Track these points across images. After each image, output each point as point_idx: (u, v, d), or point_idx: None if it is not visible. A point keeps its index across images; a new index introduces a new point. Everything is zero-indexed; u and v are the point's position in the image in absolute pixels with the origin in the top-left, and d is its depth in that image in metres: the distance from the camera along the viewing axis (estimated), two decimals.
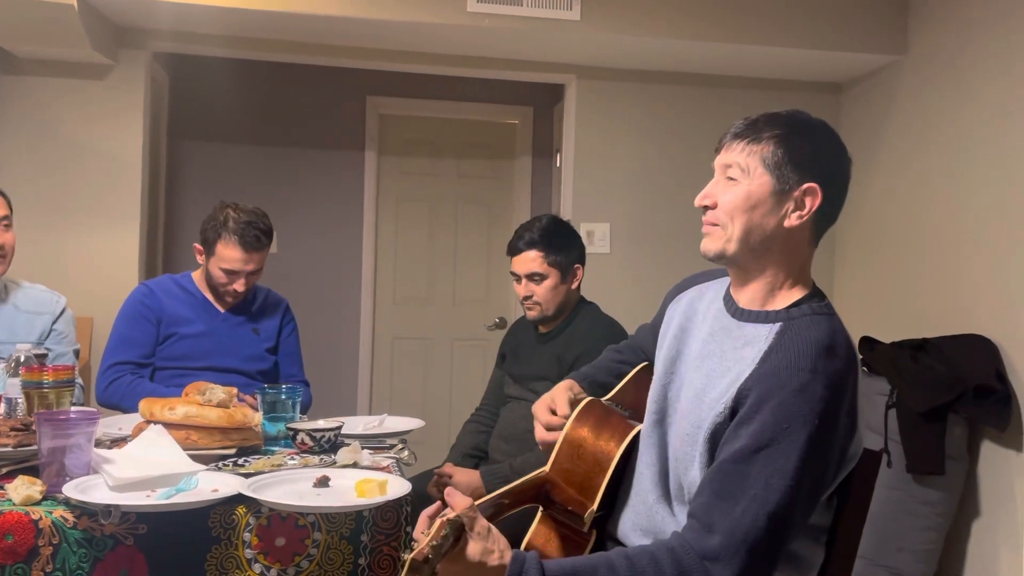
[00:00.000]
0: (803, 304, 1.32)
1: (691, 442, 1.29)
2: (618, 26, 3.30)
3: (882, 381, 2.90)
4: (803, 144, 1.29)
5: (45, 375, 1.76)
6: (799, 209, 1.29)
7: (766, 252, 1.32)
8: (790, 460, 1.17)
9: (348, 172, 4.47)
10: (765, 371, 1.23)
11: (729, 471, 1.20)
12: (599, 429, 1.43)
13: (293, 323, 2.68)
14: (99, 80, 3.40)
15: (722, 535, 1.17)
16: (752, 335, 1.30)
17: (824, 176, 1.29)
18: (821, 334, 1.25)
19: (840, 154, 1.33)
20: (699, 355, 1.36)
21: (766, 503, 1.17)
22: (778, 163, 1.29)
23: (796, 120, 1.32)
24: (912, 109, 3.43)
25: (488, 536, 1.14)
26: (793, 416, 1.18)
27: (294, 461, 1.72)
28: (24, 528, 1.34)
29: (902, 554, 2.79)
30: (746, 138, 1.31)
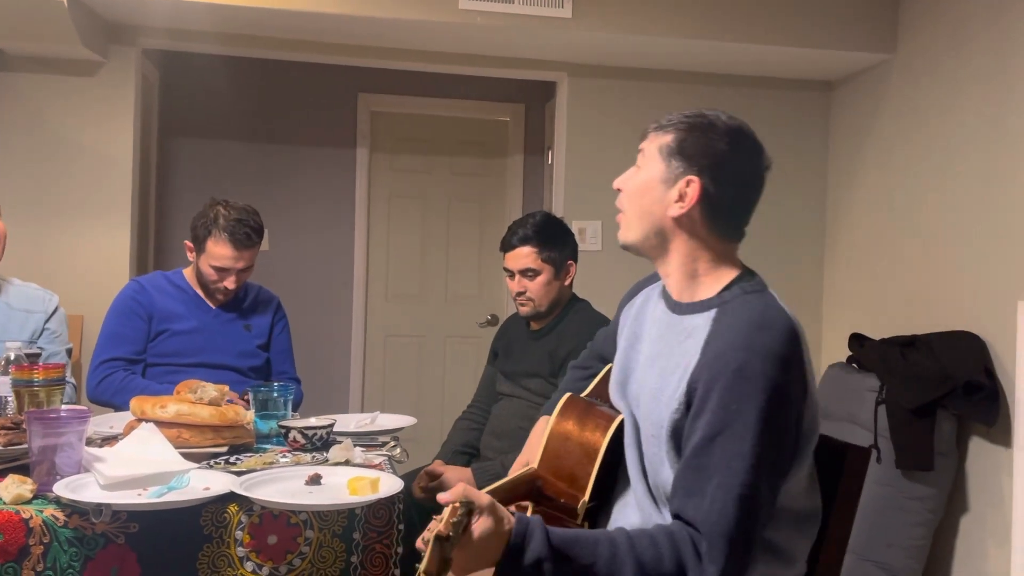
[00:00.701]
0: (733, 286, 1.35)
1: (657, 443, 1.31)
2: (609, 24, 3.30)
3: (872, 377, 2.92)
4: (698, 138, 1.33)
5: (35, 373, 1.76)
6: (681, 200, 1.33)
7: (663, 240, 1.37)
8: (746, 441, 1.19)
9: (340, 169, 4.46)
10: (707, 359, 1.25)
11: (692, 466, 1.22)
12: (583, 421, 1.45)
13: (285, 320, 2.68)
14: (89, 77, 3.38)
15: (701, 531, 1.19)
16: (691, 326, 1.33)
17: (709, 172, 1.32)
18: (752, 312, 1.28)
19: (737, 155, 1.35)
20: (650, 356, 1.39)
21: (732, 488, 1.18)
22: (671, 153, 1.34)
23: (704, 118, 1.36)
24: (901, 107, 3.44)
25: (495, 508, 1.15)
26: (739, 397, 1.20)
27: (286, 459, 1.72)
28: (14, 527, 1.34)
29: (892, 550, 2.81)
30: (656, 128, 1.38)
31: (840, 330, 3.66)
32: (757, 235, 1.39)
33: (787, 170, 3.93)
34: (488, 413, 2.61)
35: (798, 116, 3.93)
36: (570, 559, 1.16)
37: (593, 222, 3.76)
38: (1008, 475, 2.73)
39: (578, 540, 1.18)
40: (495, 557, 1.14)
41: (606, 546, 1.18)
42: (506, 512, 1.17)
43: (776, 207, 3.90)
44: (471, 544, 1.12)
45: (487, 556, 1.14)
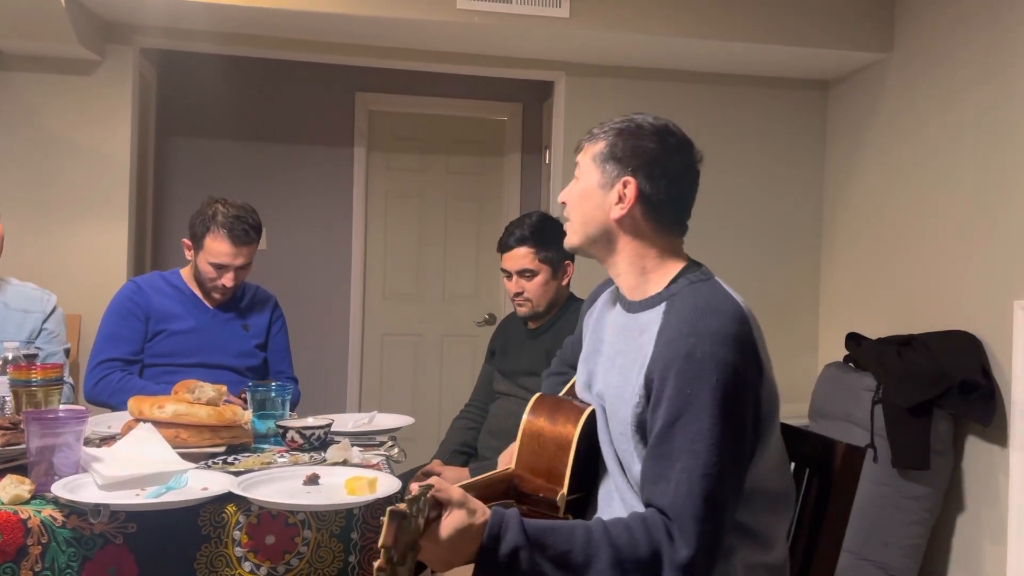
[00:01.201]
0: (680, 279, 1.39)
1: (626, 439, 1.34)
2: (607, 23, 3.30)
3: (868, 377, 2.92)
4: (627, 141, 1.39)
5: (33, 373, 1.76)
6: (621, 201, 1.39)
7: (610, 242, 1.42)
8: (703, 421, 1.22)
9: (337, 168, 4.46)
10: (659, 350, 1.29)
11: (656, 454, 1.26)
12: (553, 416, 1.47)
13: (282, 319, 2.68)
14: (86, 76, 3.38)
15: (670, 515, 1.21)
16: (645, 322, 1.37)
17: (642, 170, 1.38)
18: (698, 299, 1.32)
19: (666, 152, 1.40)
20: (609, 356, 1.44)
21: (696, 468, 1.21)
22: (604, 158, 1.41)
23: (631, 122, 1.42)
24: (898, 106, 3.45)
25: (465, 501, 1.17)
26: (692, 381, 1.23)
27: (284, 459, 1.72)
28: (13, 527, 1.34)
29: (888, 548, 2.82)
30: (588, 139, 1.45)
31: (837, 330, 3.67)
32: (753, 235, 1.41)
33: (783, 169, 3.94)
34: (486, 412, 2.61)
35: (794, 115, 3.94)
36: (546, 547, 1.18)
37: None
38: (1004, 474, 2.74)
39: (554, 529, 1.21)
40: (472, 549, 1.16)
41: (582, 533, 1.21)
42: (480, 505, 1.19)
43: (772, 207, 3.91)
44: (444, 539, 1.13)
45: (464, 549, 1.16)
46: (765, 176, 3.89)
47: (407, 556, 1.05)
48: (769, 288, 3.77)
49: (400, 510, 1.04)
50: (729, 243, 3.73)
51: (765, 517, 1.35)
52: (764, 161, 3.89)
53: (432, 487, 1.14)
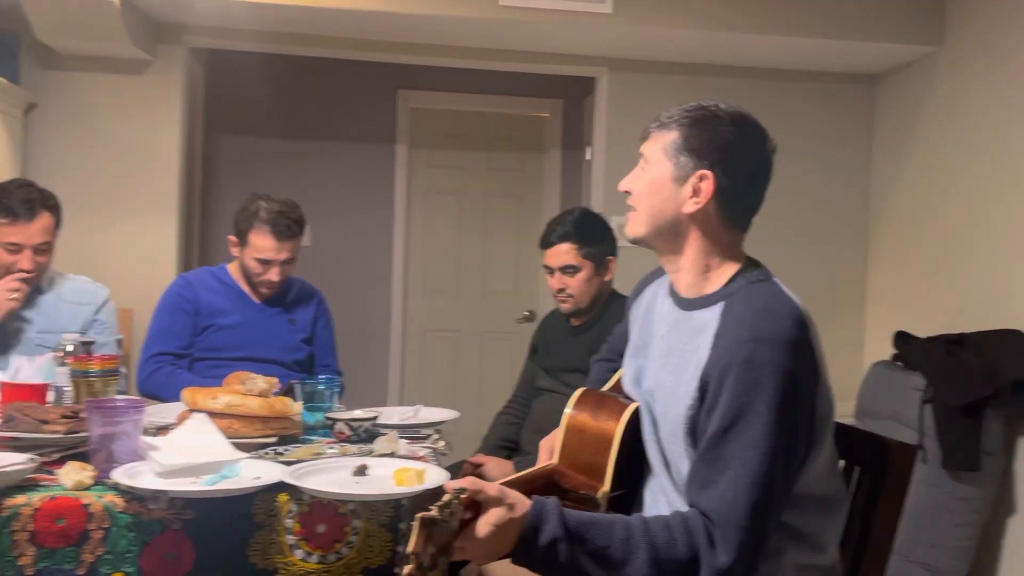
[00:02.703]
0: (738, 278, 1.35)
1: (676, 440, 1.32)
2: (650, 18, 3.29)
3: (917, 376, 2.88)
4: (702, 132, 1.32)
5: (92, 364, 1.81)
6: (695, 195, 1.33)
7: (677, 236, 1.37)
8: (757, 429, 1.20)
9: (379, 166, 4.51)
10: (717, 353, 1.26)
11: (706, 458, 1.24)
12: (596, 412, 1.46)
13: (327, 314, 2.71)
14: (138, 75, 3.46)
15: (714, 521, 1.20)
16: (701, 322, 1.33)
17: (720, 164, 1.32)
18: (757, 301, 1.29)
19: (744, 144, 1.34)
20: (662, 353, 1.40)
21: (746, 477, 1.19)
22: (676, 150, 1.34)
23: (704, 111, 1.35)
24: (948, 100, 3.38)
25: (503, 497, 1.17)
26: (749, 388, 1.21)
27: (333, 450, 1.75)
28: (75, 512, 1.38)
29: (937, 550, 2.77)
30: (657, 127, 1.38)
31: (884, 328, 3.61)
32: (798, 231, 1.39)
33: (829, 166, 3.88)
34: (528, 408, 2.62)
35: (841, 110, 3.88)
36: (585, 540, 1.18)
37: None
38: None
39: (593, 523, 1.20)
40: (512, 540, 1.16)
41: (621, 529, 1.20)
42: (519, 497, 1.18)
43: (818, 203, 3.86)
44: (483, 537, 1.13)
45: (504, 542, 1.16)
46: (811, 172, 3.84)
47: (438, 560, 1.05)
48: (814, 285, 3.72)
49: (430, 517, 1.03)
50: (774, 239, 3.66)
51: (816, 520, 1.33)
52: (810, 157, 3.84)
53: (465, 490, 1.13)
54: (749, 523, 1.18)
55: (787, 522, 1.29)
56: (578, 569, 1.18)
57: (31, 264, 2.29)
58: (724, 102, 1.37)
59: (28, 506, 1.37)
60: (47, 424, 1.60)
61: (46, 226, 2.31)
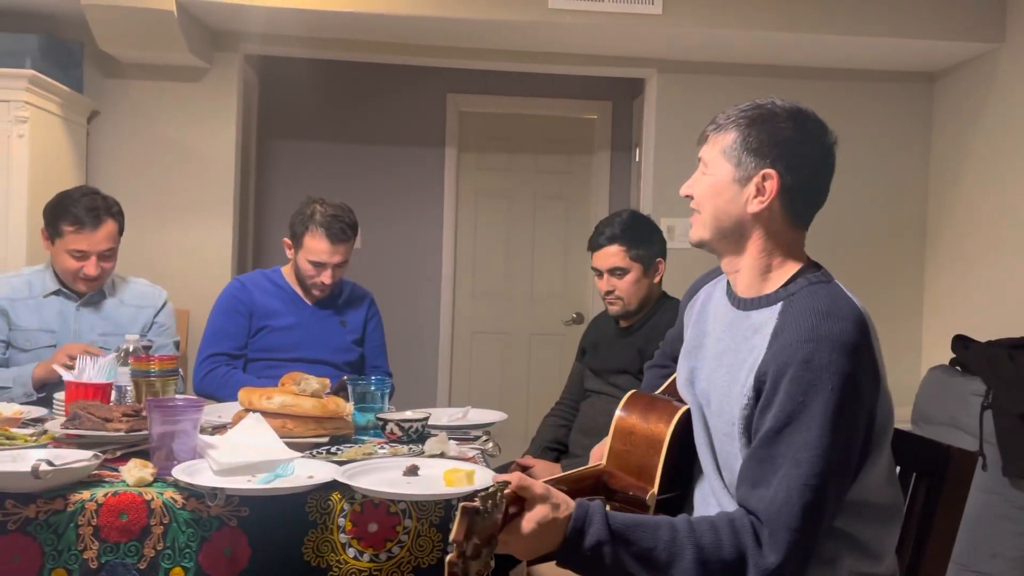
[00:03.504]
0: (798, 279, 1.33)
1: (731, 440, 1.31)
2: (700, 18, 3.26)
3: (977, 381, 2.80)
4: (761, 131, 1.31)
5: (152, 364, 1.86)
6: (760, 195, 1.31)
7: (741, 237, 1.35)
8: (812, 431, 1.18)
9: (429, 169, 4.55)
10: (775, 352, 1.25)
11: (759, 457, 1.22)
12: (647, 414, 1.45)
13: (378, 316, 2.75)
14: (195, 83, 3.55)
15: (764, 521, 1.19)
16: (758, 321, 1.32)
17: (783, 161, 1.30)
18: (818, 302, 1.26)
19: (805, 139, 1.32)
20: (717, 353, 1.39)
21: (798, 478, 1.18)
22: (736, 151, 1.32)
23: (761, 109, 1.33)
24: (1010, 99, 3.29)
25: (548, 495, 1.17)
26: (806, 388, 1.19)
27: (384, 450, 1.77)
28: (137, 508, 1.42)
29: (996, 560, 2.70)
30: (715, 129, 1.36)
31: (942, 332, 3.52)
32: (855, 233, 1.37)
33: (887, 165, 3.81)
34: (576, 410, 2.62)
35: (898, 110, 3.80)
36: (630, 542, 1.18)
37: (682, 220, 3.72)
38: None
39: (638, 524, 1.20)
40: (556, 540, 1.16)
41: (666, 531, 1.19)
42: (564, 498, 1.18)
43: (875, 204, 3.78)
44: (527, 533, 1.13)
45: (548, 541, 1.16)
46: (868, 172, 3.76)
47: (481, 551, 1.05)
48: (872, 287, 3.64)
49: (471, 506, 1.04)
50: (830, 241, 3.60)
51: (874, 528, 1.31)
52: (867, 157, 3.77)
53: (508, 483, 1.13)
54: (799, 524, 1.17)
55: (844, 530, 1.27)
56: (623, 571, 1.18)
57: (96, 270, 2.36)
58: (779, 98, 1.35)
59: (92, 501, 1.42)
60: (110, 422, 1.65)
61: (110, 233, 2.38)
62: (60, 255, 2.36)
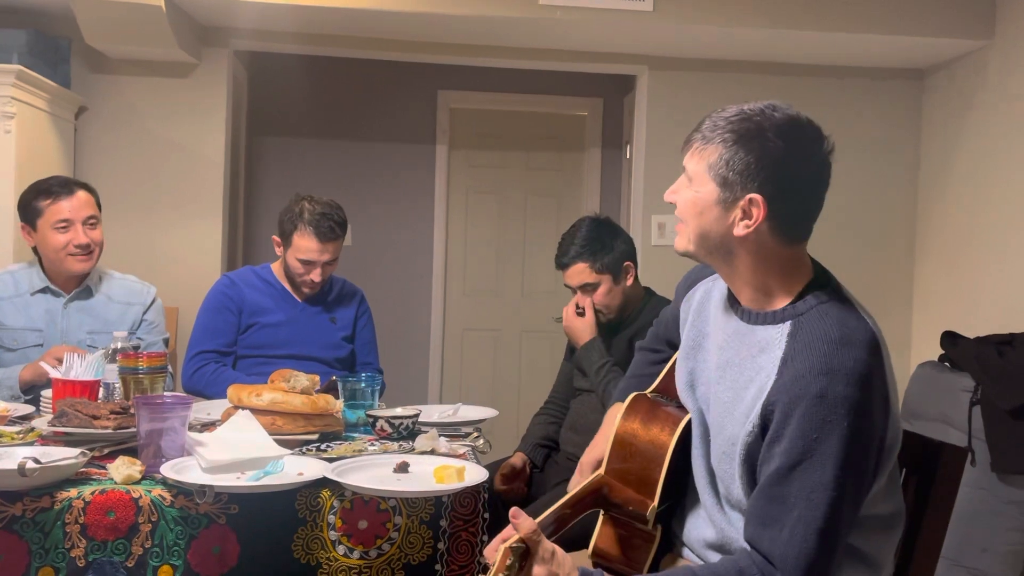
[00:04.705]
0: (807, 296, 1.25)
1: (729, 460, 1.27)
2: (691, 15, 3.26)
3: (966, 377, 2.81)
4: (749, 151, 1.21)
5: (140, 361, 1.85)
6: (746, 218, 1.23)
7: (729, 254, 1.27)
8: (827, 471, 1.14)
9: (419, 165, 4.54)
10: (785, 382, 1.18)
11: (769, 495, 1.18)
12: (648, 423, 1.41)
13: (368, 313, 2.74)
14: (184, 78, 3.52)
15: (777, 565, 1.15)
16: (765, 340, 1.25)
17: (771, 184, 1.21)
18: (830, 327, 1.19)
19: (796, 158, 1.22)
20: (718, 365, 1.32)
21: (812, 520, 1.14)
22: (722, 171, 1.23)
23: (750, 122, 1.22)
24: (999, 96, 3.30)
25: (552, 559, 1.14)
26: (819, 425, 1.14)
27: (374, 447, 1.76)
28: (125, 506, 1.42)
29: (986, 555, 2.71)
30: (700, 140, 1.26)
31: (931, 328, 3.54)
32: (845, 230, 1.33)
33: (876, 163, 3.82)
34: (566, 408, 2.62)
35: (888, 107, 3.81)
36: None
37: (672, 216, 3.71)
38: None
39: None
40: None
41: None
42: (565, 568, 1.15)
43: (865, 200, 3.79)
44: None
45: None
46: (858, 169, 3.77)
47: None
48: (860, 283, 3.60)
49: None
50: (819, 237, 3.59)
51: (876, 539, 1.29)
52: (856, 153, 3.77)
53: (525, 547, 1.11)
54: (815, 569, 1.14)
55: (848, 543, 1.24)
56: None
57: (85, 238, 2.34)
58: (772, 105, 1.25)
59: (80, 499, 1.41)
60: (97, 420, 1.64)
61: (88, 200, 2.39)
62: (45, 237, 2.34)
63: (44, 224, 2.33)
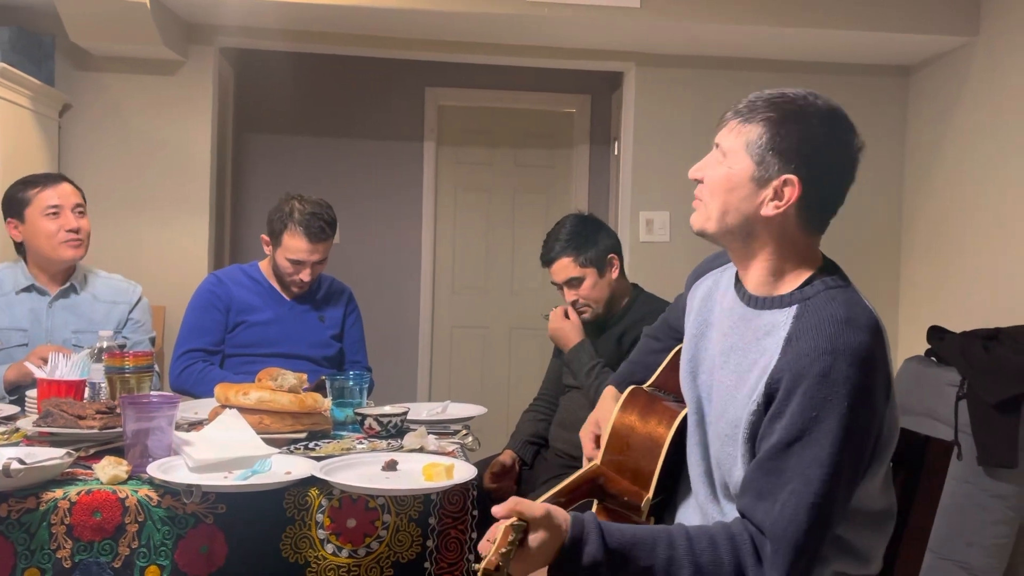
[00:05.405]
0: (815, 281, 1.27)
1: (731, 442, 1.27)
2: (678, 12, 3.26)
3: (952, 371, 2.83)
4: (791, 132, 1.23)
5: (126, 361, 1.84)
6: (777, 199, 1.24)
7: (748, 236, 1.28)
8: (824, 448, 1.15)
9: (408, 163, 4.53)
10: (789, 360, 1.20)
11: (766, 468, 1.19)
12: (646, 416, 1.42)
13: (357, 311, 2.73)
14: (169, 76, 3.50)
15: (767, 535, 1.16)
16: (770, 323, 1.26)
17: (807, 168, 1.23)
18: (837, 309, 1.21)
19: (834, 146, 1.25)
20: (722, 351, 1.33)
21: (806, 495, 1.15)
22: (761, 149, 1.24)
23: (793, 104, 1.24)
24: (984, 92, 3.32)
25: (549, 519, 1.14)
26: (820, 403, 1.15)
27: (362, 445, 1.76)
28: (111, 506, 1.41)
29: (972, 548, 2.73)
30: (740, 117, 1.27)
31: (918, 323, 3.56)
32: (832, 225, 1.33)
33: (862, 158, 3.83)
34: (555, 405, 2.62)
35: (873, 103, 3.83)
36: (627, 561, 1.15)
37: (661, 213, 3.73)
38: None
39: (636, 542, 1.16)
40: (551, 558, 1.14)
41: (664, 547, 1.17)
42: (562, 516, 1.15)
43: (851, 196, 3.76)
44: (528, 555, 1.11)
45: (543, 560, 1.14)
46: None
47: None
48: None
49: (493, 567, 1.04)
50: None
51: (867, 533, 1.30)
52: None
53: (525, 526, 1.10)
54: (804, 543, 1.15)
55: (839, 535, 1.25)
56: None
57: (75, 223, 2.34)
58: (813, 93, 1.26)
59: (65, 500, 1.40)
60: (83, 420, 1.63)
61: (73, 190, 2.41)
62: (36, 225, 2.33)
63: (33, 212, 2.33)
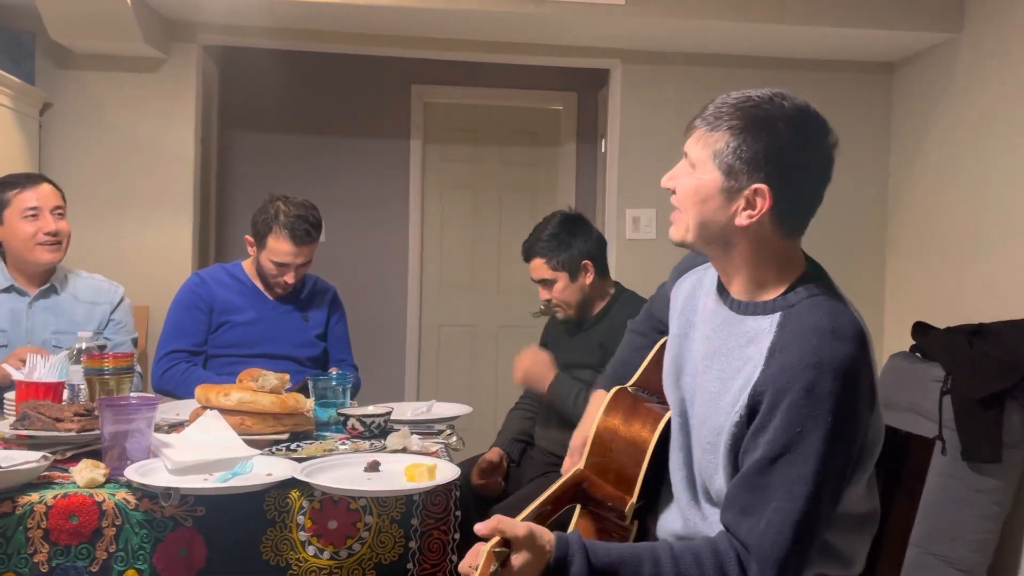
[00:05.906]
0: (798, 288, 1.25)
1: (713, 450, 1.26)
2: (663, 9, 3.26)
3: (936, 367, 2.84)
4: (758, 139, 1.19)
5: (106, 362, 1.82)
6: (750, 208, 1.21)
7: (727, 245, 1.26)
8: (808, 465, 1.14)
9: (394, 161, 4.51)
10: (773, 372, 1.18)
11: (751, 484, 1.18)
12: (629, 419, 1.40)
13: (341, 310, 2.72)
14: (151, 73, 3.47)
15: (752, 553, 1.15)
16: (754, 330, 1.24)
17: (778, 175, 1.20)
18: (821, 318, 1.19)
19: (804, 149, 1.22)
20: (705, 355, 1.31)
21: (790, 513, 1.14)
22: (728, 159, 1.21)
23: (759, 109, 1.21)
24: (968, 89, 3.33)
25: (532, 539, 1.12)
26: (805, 419, 1.14)
27: (345, 446, 1.75)
28: (88, 510, 1.39)
29: (957, 543, 2.74)
30: (707, 125, 1.23)
31: (902, 319, 3.57)
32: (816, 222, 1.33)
33: (846, 155, 3.77)
34: (541, 403, 2.61)
35: (858, 99, 3.83)
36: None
37: (647, 210, 3.72)
38: None
39: (621, 561, 1.15)
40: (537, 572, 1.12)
41: (649, 565, 1.15)
42: (546, 536, 1.14)
43: (835, 192, 3.75)
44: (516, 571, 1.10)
45: None
46: None
47: None
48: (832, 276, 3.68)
49: None
50: None
51: (850, 536, 1.30)
52: None
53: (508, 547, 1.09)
54: (789, 560, 1.14)
55: (823, 539, 1.24)
56: None
57: (54, 226, 2.32)
58: (780, 93, 1.24)
59: (42, 503, 1.38)
60: (61, 422, 1.61)
61: (53, 191, 2.39)
62: (14, 227, 2.31)
63: (12, 214, 2.31)
